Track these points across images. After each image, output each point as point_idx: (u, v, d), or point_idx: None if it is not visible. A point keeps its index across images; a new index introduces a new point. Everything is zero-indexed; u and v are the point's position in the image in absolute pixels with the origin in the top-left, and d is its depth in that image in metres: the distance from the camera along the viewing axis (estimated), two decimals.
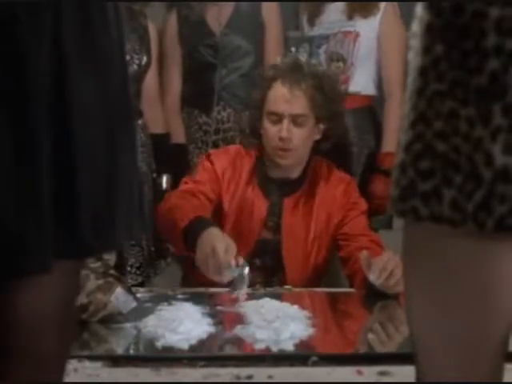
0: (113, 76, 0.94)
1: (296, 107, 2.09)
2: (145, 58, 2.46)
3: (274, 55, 2.57)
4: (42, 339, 0.94)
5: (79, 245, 0.91)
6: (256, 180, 2.16)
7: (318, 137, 2.19)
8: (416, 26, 0.84)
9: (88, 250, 0.94)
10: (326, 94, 2.12)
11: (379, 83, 2.60)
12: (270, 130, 2.12)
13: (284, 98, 2.10)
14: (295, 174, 2.18)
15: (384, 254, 1.87)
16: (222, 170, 2.15)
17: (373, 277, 1.81)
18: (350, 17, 2.59)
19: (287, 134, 2.08)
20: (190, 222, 1.86)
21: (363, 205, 2.19)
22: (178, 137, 2.62)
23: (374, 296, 1.83)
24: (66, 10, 0.88)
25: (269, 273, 2.11)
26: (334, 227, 2.14)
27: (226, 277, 1.79)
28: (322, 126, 2.17)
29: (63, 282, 0.94)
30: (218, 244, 1.77)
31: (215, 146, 2.56)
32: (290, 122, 2.09)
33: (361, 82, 2.58)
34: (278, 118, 2.10)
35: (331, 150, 2.56)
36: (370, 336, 1.61)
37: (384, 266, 1.80)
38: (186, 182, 2.15)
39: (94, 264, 1.56)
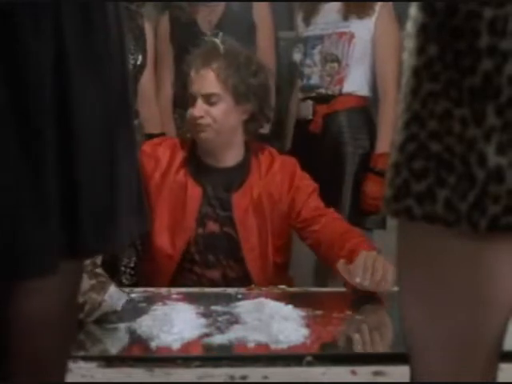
0: (112, 76, 0.95)
1: (206, 86, 2.08)
2: (140, 58, 2.46)
3: (266, 55, 2.57)
4: (42, 340, 0.94)
5: (81, 245, 0.91)
6: (188, 169, 2.13)
7: (244, 117, 2.13)
8: (410, 27, 0.84)
9: (90, 250, 0.94)
10: (242, 71, 2.09)
11: (374, 84, 2.61)
12: (189, 112, 2.12)
13: (194, 78, 2.11)
14: (229, 161, 2.14)
15: (359, 254, 1.84)
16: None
17: (359, 280, 1.78)
18: (346, 17, 2.60)
19: (199, 112, 2.07)
20: None
21: (310, 185, 2.13)
22: None
23: (363, 297, 1.82)
24: (67, 10, 0.88)
25: (226, 270, 2.09)
26: (286, 214, 2.09)
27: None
28: (249, 107, 2.12)
29: (64, 282, 0.94)
30: None
31: None
32: (204, 101, 2.08)
33: (355, 83, 2.59)
34: (192, 100, 2.10)
35: (325, 149, 2.58)
36: (365, 336, 1.61)
37: (364, 265, 1.78)
38: None
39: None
